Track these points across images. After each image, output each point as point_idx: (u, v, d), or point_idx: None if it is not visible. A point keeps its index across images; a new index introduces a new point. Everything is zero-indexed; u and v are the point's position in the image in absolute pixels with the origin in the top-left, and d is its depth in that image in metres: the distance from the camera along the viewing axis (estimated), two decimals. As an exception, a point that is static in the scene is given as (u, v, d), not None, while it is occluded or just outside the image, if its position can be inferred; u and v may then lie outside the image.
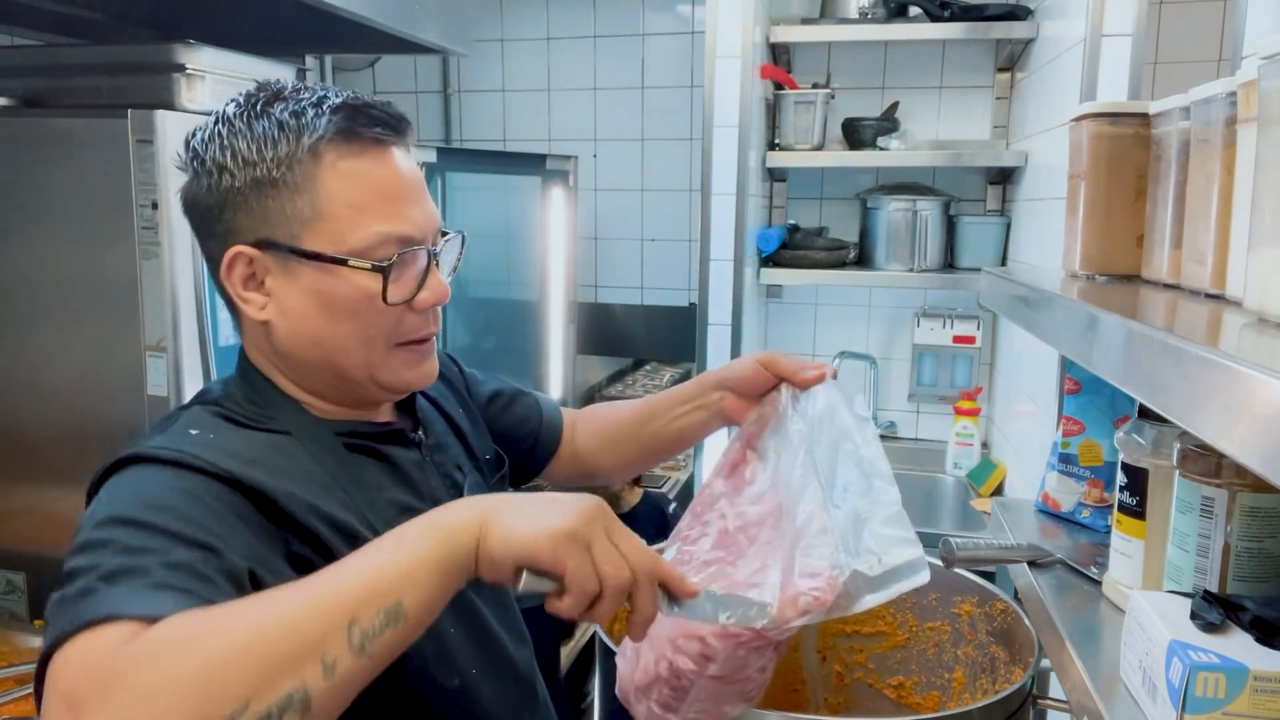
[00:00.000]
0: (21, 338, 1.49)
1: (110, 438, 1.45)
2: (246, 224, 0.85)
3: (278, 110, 0.85)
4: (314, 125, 0.84)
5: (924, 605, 1.29)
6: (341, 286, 0.85)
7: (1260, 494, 0.82)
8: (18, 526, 1.53)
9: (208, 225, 0.88)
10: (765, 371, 1.10)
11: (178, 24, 1.93)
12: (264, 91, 0.88)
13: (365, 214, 0.85)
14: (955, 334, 2.71)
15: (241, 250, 0.85)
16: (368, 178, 0.86)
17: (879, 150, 2.55)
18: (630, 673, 0.96)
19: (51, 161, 1.45)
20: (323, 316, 0.86)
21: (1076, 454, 1.25)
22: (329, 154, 0.84)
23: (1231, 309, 0.77)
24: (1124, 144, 1.05)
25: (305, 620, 0.62)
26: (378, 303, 0.86)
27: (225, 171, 0.84)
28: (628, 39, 2.99)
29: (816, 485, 0.92)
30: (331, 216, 0.84)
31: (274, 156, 0.83)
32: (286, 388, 0.91)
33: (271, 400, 0.90)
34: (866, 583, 0.80)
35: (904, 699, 1.29)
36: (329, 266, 0.84)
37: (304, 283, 0.85)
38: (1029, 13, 2.37)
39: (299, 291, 0.86)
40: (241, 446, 0.83)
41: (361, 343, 0.88)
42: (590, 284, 3.13)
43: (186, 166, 0.88)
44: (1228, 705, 0.68)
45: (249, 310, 0.87)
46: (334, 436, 0.90)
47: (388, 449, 0.94)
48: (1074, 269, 1.12)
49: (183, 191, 0.89)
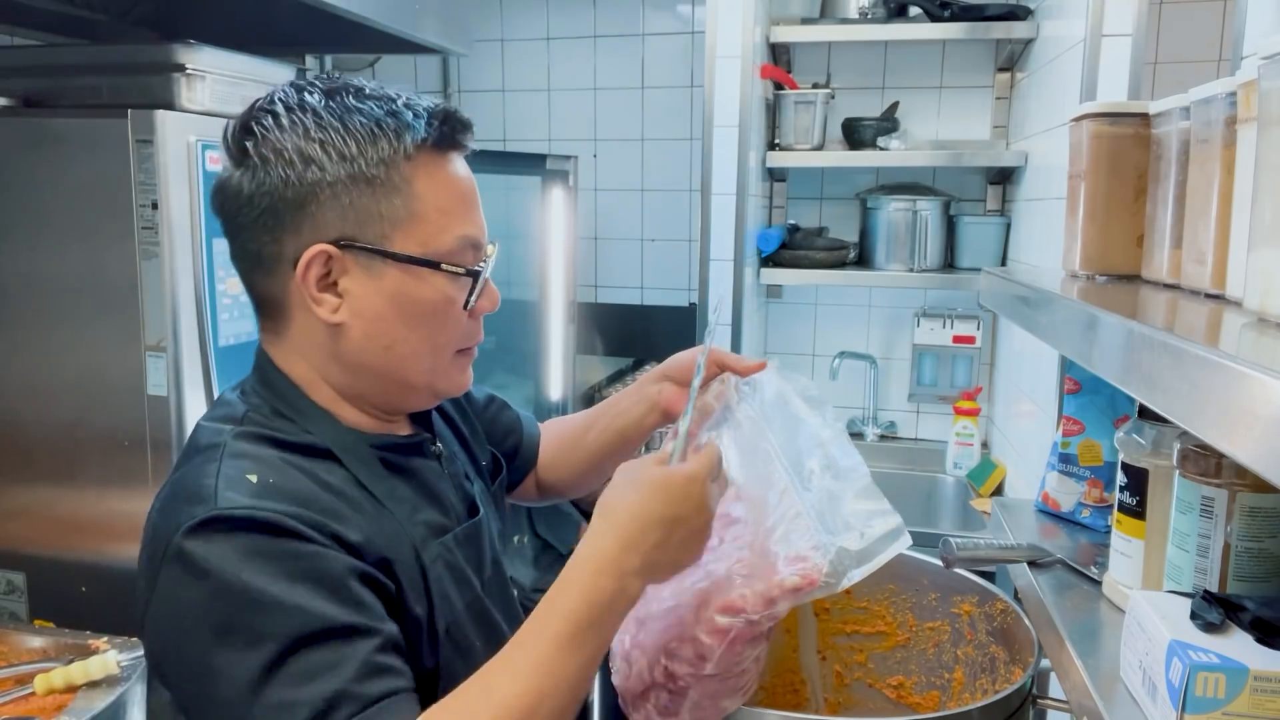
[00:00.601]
0: (21, 338, 1.49)
1: (110, 438, 1.45)
2: (332, 220, 0.81)
3: (369, 107, 0.83)
4: (415, 127, 0.83)
5: (924, 605, 1.29)
6: (424, 290, 0.85)
7: (1260, 494, 0.82)
8: (18, 526, 1.53)
9: (276, 219, 0.81)
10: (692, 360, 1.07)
11: (178, 24, 1.93)
12: (338, 85, 0.85)
13: (451, 218, 0.85)
14: (955, 334, 2.71)
15: (324, 248, 0.81)
16: (453, 183, 0.86)
17: (879, 150, 2.55)
18: (624, 681, 0.95)
19: (51, 161, 1.45)
20: (399, 320, 0.85)
21: (1076, 454, 1.25)
22: (423, 157, 0.84)
23: (1231, 309, 0.77)
24: (1124, 144, 1.05)
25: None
26: (455, 308, 0.87)
27: (313, 164, 0.81)
28: (628, 39, 2.99)
29: (782, 471, 0.91)
30: (423, 219, 0.84)
31: (374, 155, 0.81)
32: (319, 397, 0.88)
33: (302, 410, 0.87)
34: (852, 557, 0.82)
35: (904, 699, 1.29)
36: (414, 269, 0.83)
37: (386, 284, 0.83)
38: (1029, 13, 2.37)
39: (379, 294, 0.83)
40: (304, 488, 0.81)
41: (432, 349, 0.88)
42: (590, 284, 3.13)
43: (243, 155, 0.82)
44: (1228, 705, 0.68)
45: (321, 312, 0.83)
46: (370, 451, 0.89)
47: (413, 461, 0.94)
48: (1074, 269, 1.12)
49: (234, 183, 0.83)
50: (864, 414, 2.84)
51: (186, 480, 0.80)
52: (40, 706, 1.21)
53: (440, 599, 0.88)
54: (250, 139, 0.82)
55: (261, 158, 0.81)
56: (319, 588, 0.74)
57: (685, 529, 0.79)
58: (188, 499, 0.78)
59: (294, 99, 0.83)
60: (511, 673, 0.73)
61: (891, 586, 1.31)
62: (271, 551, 0.75)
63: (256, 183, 0.81)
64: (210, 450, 0.82)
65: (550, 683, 0.72)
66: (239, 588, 0.73)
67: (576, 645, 0.74)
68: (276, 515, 0.76)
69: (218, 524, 0.75)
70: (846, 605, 1.31)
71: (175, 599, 0.75)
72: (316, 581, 0.75)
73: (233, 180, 0.83)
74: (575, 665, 0.74)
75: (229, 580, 0.73)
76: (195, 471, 0.81)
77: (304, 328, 0.86)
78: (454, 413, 1.10)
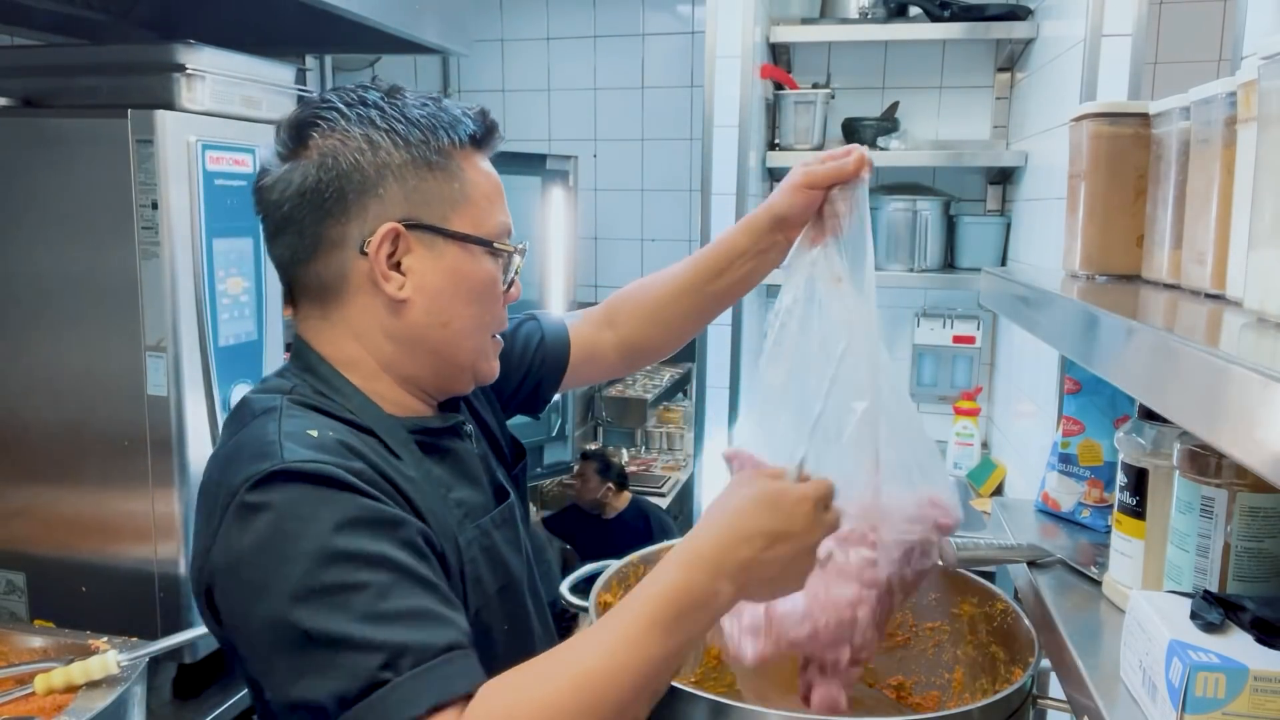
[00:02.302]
0: (21, 338, 1.49)
1: (110, 438, 1.45)
2: (398, 202, 0.87)
3: (423, 103, 0.91)
4: (465, 123, 0.91)
5: (924, 605, 1.29)
6: (477, 269, 0.92)
7: (1260, 494, 0.82)
8: (18, 526, 1.53)
9: (343, 204, 0.86)
10: (811, 192, 1.06)
11: (178, 24, 1.93)
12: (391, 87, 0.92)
13: (494, 205, 0.94)
14: (955, 334, 2.71)
15: (394, 226, 0.87)
16: (492, 176, 0.95)
17: (879, 150, 2.55)
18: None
19: (51, 161, 1.45)
20: (456, 297, 0.91)
21: (1076, 454, 1.25)
22: (470, 150, 0.92)
23: (1231, 309, 0.77)
24: (1124, 144, 1.05)
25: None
26: (498, 288, 0.94)
27: (381, 149, 0.87)
28: (628, 39, 2.99)
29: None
30: (474, 203, 0.91)
31: (435, 143, 0.89)
32: (358, 380, 0.91)
33: (344, 392, 0.90)
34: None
35: (904, 699, 1.29)
36: (470, 248, 0.91)
37: (446, 262, 0.90)
38: (1029, 13, 2.37)
39: (440, 271, 0.90)
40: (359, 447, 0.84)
41: (478, 327, 0.94)
42: (590, 284, 3.13)
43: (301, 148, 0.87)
44: (1228, 705, 0.68)
45: (389, 288, 0.88)
46: (408, 434, 0.92)
47: (449, 443, 0.97)
48: (1074, 269, 1.12)
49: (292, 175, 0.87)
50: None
51: (248, 439, 0.83)
52: (40, 706, 1.21)
53: (472, 582, 0.90)
54: (315, 129, 0.87)
55: (330, 147, 0.87)
56: (384, 537, 0.77)
57: (787, 547, 0.79)
58: (252, 456, 0.80)
59: (353, 97, 0.89)
60: (594, 646, 0.74)
61: (891, 586, 1.31)
62: (337, 502, 0.77)
63: (323, 170, 0.86)
64: (267, 413, 0.85)
65: (632, 662, 0.73)
66: (305, 538, 0.75)
67: (661, 632, 0.74)
68: (340, 469, 0.79)
69: (284, 476, 0.77)
70: (846, 605, 1.30)
71: (240, 552, 0.77)
72: (381, 531, 0.77)
73: (291, 173, 0.87)
74: (659, 652, 0.74)
75: (296, 531, 0.75)
76: (256, 430, 0.84)
77: (364, 307, 0.90)
78: (479, 398, 1.12)
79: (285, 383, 0.90)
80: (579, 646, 0.75)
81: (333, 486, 0.78)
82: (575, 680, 0.71)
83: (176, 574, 1.45)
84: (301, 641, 0.73)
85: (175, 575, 1.45)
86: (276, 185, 0.88)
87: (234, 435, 0.86)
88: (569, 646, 0.75)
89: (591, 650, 0.74)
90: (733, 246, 1.16)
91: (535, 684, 0.72)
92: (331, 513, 0.76)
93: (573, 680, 0.71)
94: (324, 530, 0.75)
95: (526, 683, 0.73)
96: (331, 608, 0.73)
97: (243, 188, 1.51)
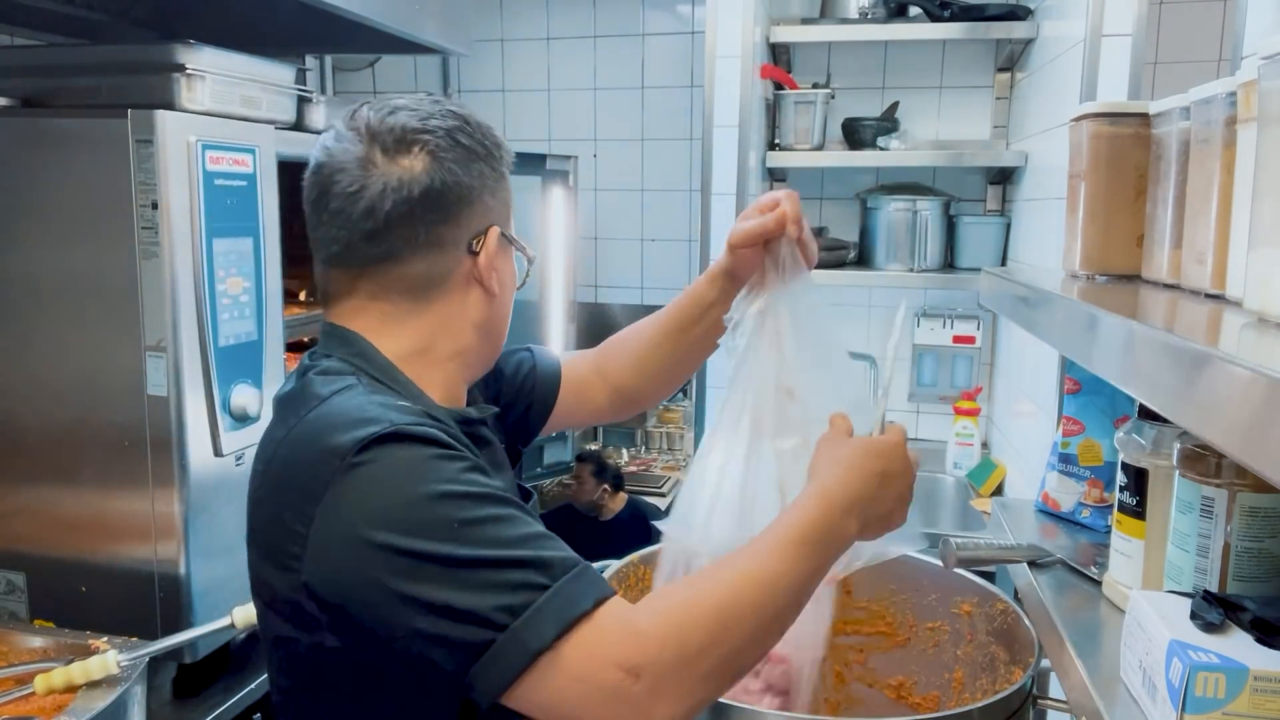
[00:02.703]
0: (21, 338, 1.49)
1: (110, 438, 1.45)
2: (492, 207, 0.98)
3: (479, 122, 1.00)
4: (507, 148, 1.02)
5: (924, 605, 1.29)
6: (513, 271, 1.04)
7: (1260, 494, 0.82)
8: (18, 526, 1.53)
9: (454, 207, 0.94)
10: (748, 252, 1.12)
11: (178, 24, 1.93)
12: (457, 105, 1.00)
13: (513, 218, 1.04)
14: (955, 334, 2.71)
15: (494, 228, 0.98)
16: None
17: (879, 150, 2.55)
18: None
19: (51, 161, 1.45)
20: (511, 293, 1.03)
21: (1076, 454, 1.25)
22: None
23: (1231, 309, 0.77)
24: (1124, 144, 1.05)
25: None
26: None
27: (481, 161, 0.97)
28: (628, 39, 2.99)
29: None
30: (512, 213, 1.03)
31: (503, 159, 1.00)
32: (416, 371, 0.96)
33: (399, 380, 0.95)
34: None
35: (904, 699, 1.29)
36: (515, 252, 1.03)
37: (509, 263, 1.02)
38: (1029, 13, 2.37)
39: (508, 270, 1.02)
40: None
41: (507, 319, 1.05)
42: (590, 284, 3.14)
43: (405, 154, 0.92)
44: (1228, 705, 0.68)
45: (491, 284, 0.98)
46: (455, 424, 0.95)
47: (483, 432, 1.02)
48: (1074, 269, 1.12)
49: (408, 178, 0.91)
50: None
51: (334, 413, 0.86)
52: (40, 706, 1.21)
53: None
54: (420, 139, 0.93)
55: (439, 157, 0.93)
56: (496, 484, 0.84)
57: (896, 485, 0.92)
58: (349, 424, 0.83)
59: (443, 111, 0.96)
60: (748, 557, 0.84)
61: (891, 586, 1.31)
62: (449, 457, 0.84)
63: (437, 178, 0.92)
64: (347, 390, 0.89)
65: (784, 568, 0.83)
66: (431, 482, 0.81)
67: (805, 551, 0.84)
68: (444, 434, 0.85)
69: (395, 437, 0.82)
70: (847, 605, 1.31)
71: (364, 505, 0.80)
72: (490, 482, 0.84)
73: (401, 177, 0.91)
74: (804, 568, 0.84)
75: (420, 477, 0.81)
76: (342, 404, 0.87)
77: (460, 300, 0.98)
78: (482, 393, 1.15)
79: (346, 366, 0.93)
80: (734, 558, 0.85)
81: (442, 446, 0.84)
82: (735, 581, 0.81)
83: (176, 574, 1.45)
84: (452, 570, 0.77)
85: (175, 575, 1.45)
86: (373, 185, 0.91)
87: (304, 416, 0.88)
88: (725, 560, 0.85)
89: (746, 560, 0.84)
90: (700, 297, 1.21)
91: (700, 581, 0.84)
92: (449, 463, 0.83)
93: (732, 582, 0.81)
94: (448, 475, 0.81)
95: (692, 581, 0.86)
96: (475, 537, 0.79)
97: (243, 188, 1.51)
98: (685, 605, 0.80)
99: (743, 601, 0.81)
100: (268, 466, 0.89)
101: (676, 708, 0.77)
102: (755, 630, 0.81)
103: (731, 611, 0.80)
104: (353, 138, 0.92)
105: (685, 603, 0.80)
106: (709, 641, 0.78)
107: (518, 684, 0.76)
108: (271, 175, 1.58)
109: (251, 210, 1.52)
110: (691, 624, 0.78)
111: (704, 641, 0.78)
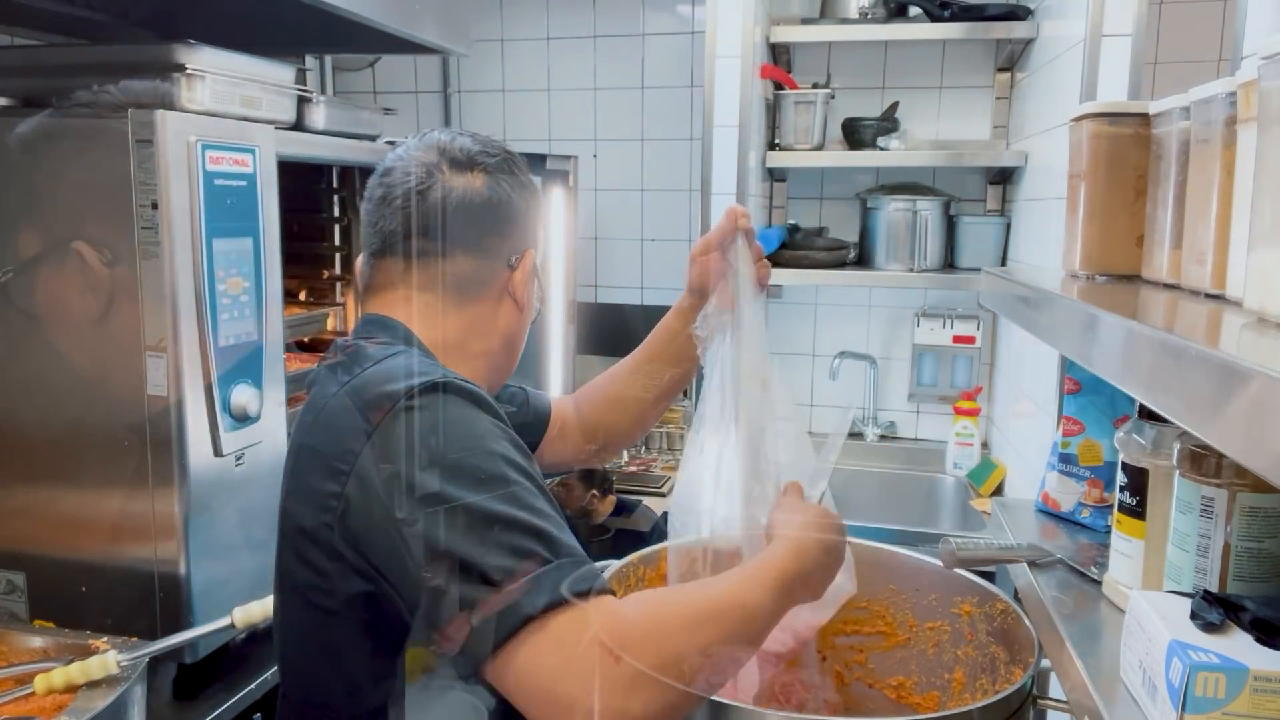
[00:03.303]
0: (22, 338, 1.49)
1: (110, 438, 1.45)
2: (529, 229, 1.09)
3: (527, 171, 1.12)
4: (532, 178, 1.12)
5: (924, 605, 1.29)
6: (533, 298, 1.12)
7: (1260, 494, 0.82)
8: (18, 526, 1.53)
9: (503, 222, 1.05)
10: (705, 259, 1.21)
11: (178, 24, 1.93)
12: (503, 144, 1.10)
13: None
14: (955, 334, 2.71)
15: (531, 251, 1.09)
16: None
17: (879, 150, 2.55)
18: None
19: (51, 161, 1.44)
20: (528, 313, 1.11)
21: (1076, 454, 1.25)
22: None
23: (1231, 309, 0.77)
24: (1124, 144, 1.05)
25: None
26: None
27: (524, 190, 1.08)
28: (628, 39, 2.99)
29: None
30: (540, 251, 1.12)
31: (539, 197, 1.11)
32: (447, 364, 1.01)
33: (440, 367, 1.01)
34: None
35: (904, 699, 1.29)
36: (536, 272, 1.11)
37: (533, 287, 1.11)
38: (1029, 13, 2.37)
39: (532, 293, 1.11)
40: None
41: (524, 339, 1.13)
42: (590, 284, 3.13)
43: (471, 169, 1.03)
44: (1228, 705, 0.68)
45: (522, 298, 1.08)
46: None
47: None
48: (1074, 269, 1.12)
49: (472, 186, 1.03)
50: (864, 414, 2.84)
51: (394, 366, 0.94)
52: (40, 706, 1.21)
53: None
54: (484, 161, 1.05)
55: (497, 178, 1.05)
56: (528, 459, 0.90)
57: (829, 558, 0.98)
58: (407, 374, 0.91)
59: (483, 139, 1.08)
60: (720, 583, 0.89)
61: (891, 586, 1.31)
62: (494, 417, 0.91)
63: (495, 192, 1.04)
64: (404, 352, 0.98)
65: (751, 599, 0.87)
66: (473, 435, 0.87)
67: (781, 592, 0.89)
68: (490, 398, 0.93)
69: (447, 388, 0.90)
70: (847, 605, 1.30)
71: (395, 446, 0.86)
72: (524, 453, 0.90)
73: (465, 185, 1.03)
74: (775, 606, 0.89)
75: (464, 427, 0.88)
76: (401, 361, 0.95)
77: (492, 308, 1.07)
78: None
79: (396, 342, 1.01)
80: (706, 582, 0.92)
81: (488, 405, 0.91)
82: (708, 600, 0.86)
83: (176, 574, 1.45)
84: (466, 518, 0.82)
85: (175, 575, 1.45)
86: (439, 188, 1.02)
87: (362, 370, 0.94)
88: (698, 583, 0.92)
89: (717, 585, 0.89)
90: (667, 328, 1.31)
91: (673, 594, 0.91)
92: (492, 422, 0.90)
93: (705, 600, 0.86)
94: (488, 431, 0.88)
95: (665, 592, 0.91)
96: (496, 495, 0.83)
97: (243, 188, 1.51)
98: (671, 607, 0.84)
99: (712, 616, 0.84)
100: (318, 416, 0.95)
101: (651, 705, 0.78)
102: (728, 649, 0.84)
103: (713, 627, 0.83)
104: (424, 151, 1.04)
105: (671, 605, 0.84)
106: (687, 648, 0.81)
107: (501, 650, 0.78)
108: (272, 175, 1.58)
109: (252, 210, 1.52)
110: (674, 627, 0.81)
111: (682, 648, 0.80)
